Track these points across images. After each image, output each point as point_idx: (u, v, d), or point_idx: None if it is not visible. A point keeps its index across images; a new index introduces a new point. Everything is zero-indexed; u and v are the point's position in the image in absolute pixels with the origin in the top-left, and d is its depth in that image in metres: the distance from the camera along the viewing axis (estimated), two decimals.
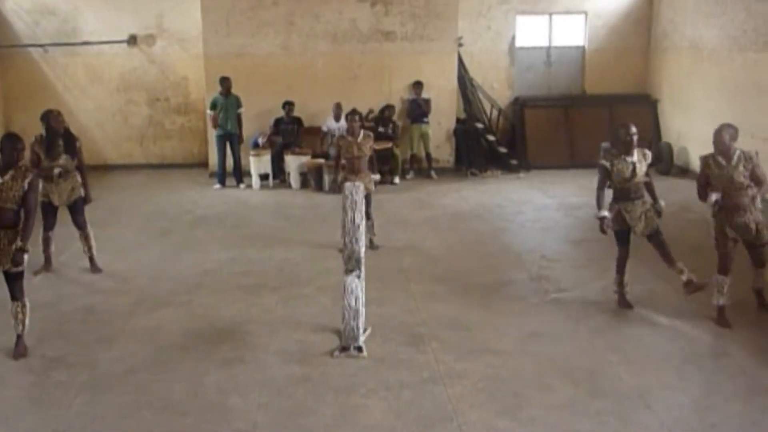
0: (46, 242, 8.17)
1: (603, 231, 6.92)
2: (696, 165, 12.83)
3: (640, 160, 6.89)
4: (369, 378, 5.63)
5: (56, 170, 7.80)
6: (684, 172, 13.18)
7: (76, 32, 13.81)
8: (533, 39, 14.69)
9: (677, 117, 13.76)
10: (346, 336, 6.05)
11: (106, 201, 8.57)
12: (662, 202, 7.13)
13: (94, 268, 8.22)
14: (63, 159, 7.86)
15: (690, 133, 13.22)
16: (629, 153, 6.82)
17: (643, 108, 14.24)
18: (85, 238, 8.18)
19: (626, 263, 7.05)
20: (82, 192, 8.06)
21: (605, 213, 6.87)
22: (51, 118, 7.82)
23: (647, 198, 7.02)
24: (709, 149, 6.78)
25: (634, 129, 6.78)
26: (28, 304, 6.07)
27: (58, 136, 7.81)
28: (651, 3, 14.44)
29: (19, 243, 5.82)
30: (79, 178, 8.03)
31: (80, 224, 8.12)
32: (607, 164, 6.83)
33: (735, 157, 6.50)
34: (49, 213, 8.00)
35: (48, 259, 8.22)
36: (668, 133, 13.98)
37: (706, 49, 12.68)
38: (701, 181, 6.84)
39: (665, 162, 13.40)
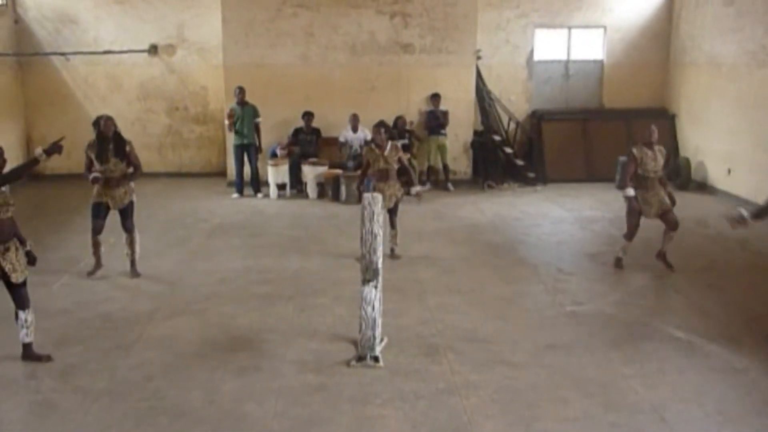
0: (96, 245, 8.29)
1: (633, 208, 8.38)
2: (714, 179, 12.86)
3: (658, 157, 8.37)
4: (385, 388, 5.65)
5: (91, 176, 7.94)
6: (702, 187, 13.12)
7: (97, 41, 13.98)
8: (551, 52, 14.72)
9: (695, 132, 13.72)
10: (362, 346, 6.07)
11: None
12: (669, 189, 8.61)
13: (134, 272, 8.35)
14: (113, 163, 8.00)
15: (708, 148, 13.17)
16: (651, 149, 8.34)
17: (661, 122, 14.16)
18: (131, 242, 8.32)
19: (635, 233, 8.50)
20: (133, 196, 8.24)
21: (632, 192, 8.36)
22: (101, 124, 8.00)
23: (659, 189, 8.42)
24: (727, 164, 7.05)
25: (656, 130, 8.42)
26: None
27: (107, 140, 7.99)
28: (670, 18, 14.43)
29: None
30: (132, 184, 8.20)
31: (128, 227, 8.28)
32: (636, 152, 8.34)
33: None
34: (99, 214, 8.15)
35: (98, 260, 8.33)
36: (686, 148, 13.93)
37: (725, 64, 12.65)
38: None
39: (683, 177, 13.35)
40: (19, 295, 6.00)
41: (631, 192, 8.33)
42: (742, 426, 5.15)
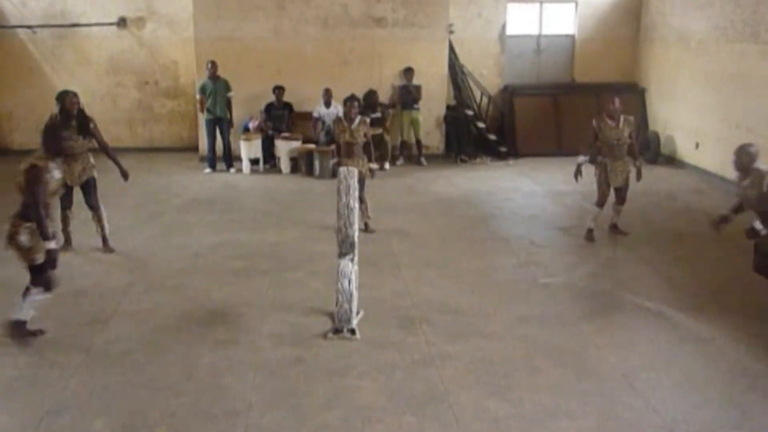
0: (65, 221, 8.23)
1: (575, 176, 8.79)
2: (682, 153, 13.07)
3: (623, 127, 8.61)
4: (361, 360, 5.73)
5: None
6: (671, 160, 13.33)
7: (64, 14, 13.73)
8: (523, 27, 14.76)
9: (664, 106, 13.89)
10: (339, 318, 6.14)
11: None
12: (638, 163, 8.84)
13: (107, 248, 8.32)
14: (74, 140, 7.91)
15: (677, 122, 13.36)
16: (613, 119, 8.62)
17: (631, 97, 14.33)
18: (98, 218, 8.29)
19: (605, 201, 8.76)
20: (94, 173, 8.17)
21: (582, 158, 8.80)
22: (66, 100, 7.91)
23: (628, 159, 8.71)
24: (696, 138, 7.15)
25: (617, 101, 8.66)
26: None
27: (71, 117, 7.91)
28: None
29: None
30: (91, 159, 8.14)
31: (93, 204, 8.23)
32: (595, 122, 8.69)
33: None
34: (64, 193, 8.03)
35: (68, 239, 8.27)
36: (655, 122, 14.12)
37: (694, 39, 12.80)
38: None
39: (652, 151, 13.53)
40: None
41: (581, 159, 8.80)
42: (708, 392, 5.31)
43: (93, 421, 4.86)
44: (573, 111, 14.19)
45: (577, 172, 8.78)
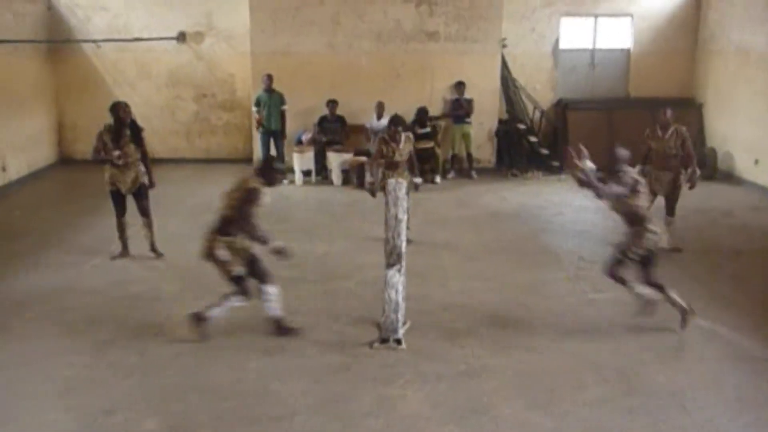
0: (121, 228, 8.52)
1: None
2: (741, 170, 12.79)
3: (671, 137, 8.73)
4: (406, 369, 5.78)
5: (115, 153, 8.13)
6: (728, 177, 13.05)
7: (127, 28, 14.19)
8: (577, 41, 14.68)
9: (722, 121, 13.63)
10: (385, 328, 6.20)
11: (152, 193, 8.91)
12: (698, 172, 8.98)
13: (156, 253, 8.56)
14: (130, 148, 8.20)
15: (735, 137, 13.09)
16: (664, 129, 8.76)
17: (688, 112, 14.13)
18: (148, 225, 8.53)
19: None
20: (145, 180, 8.42)
21: (638, 168, 8.34)
22: (119, 110, 8.19)
23: (675, 170, 8.75)
24: (755, 154, 7.03)
25: (669, 111, 8.81)
26: None
27: (124, 126, 8.19)
28: (698, 6, 14.33)
29: None
30: (142, 167, 8.38)
31: (144, 211, 8.49)
32: (648, 132, 8.91)
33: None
34: (119, 200, 8.41)
35: (125, 245, 8.55)
36: (713, 138, 13.86)
37: (754, 52, 12.55)
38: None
39: (709, 167, 13.28)
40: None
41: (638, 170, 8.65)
42: (761, 413, 5.21)
43: (144, 421, 5.03)
44: (627, 126, 13.95)
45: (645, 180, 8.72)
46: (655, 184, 8.76)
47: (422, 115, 13.02)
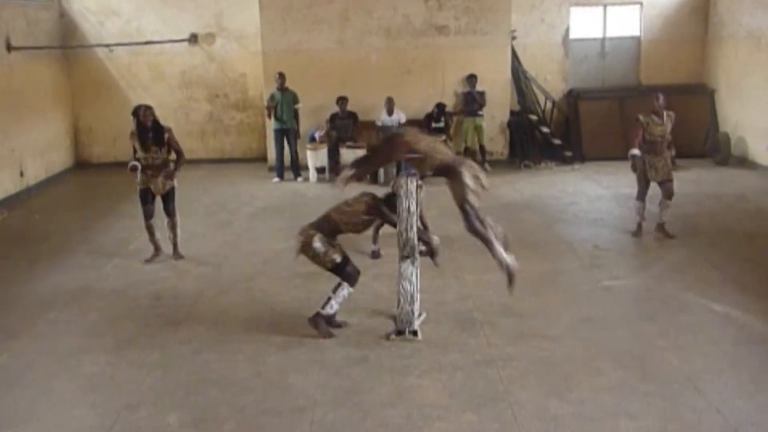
0: (150, 230, 8.58)
1: (634, 167, 8.92)
2: (754, 154, 12.75)
3: (666, 122, 8.86)
4: (423, 360, 5.85)
5: (130, 164, 8.24)
6: (742, 162, 13.02)
7: (139, 32, 14.34)
8: (587, 30, 14.67)
9: (735, 107, 13.59)
10: (401, 320, 6.27)
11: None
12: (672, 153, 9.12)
13: (177, 254, 8.63)
14: (153, 151, 8.31)
15: (748, 122, 13.06)
16: (659, 115, 8.86)
17: (700, 98, 14.11)
18: (172, 226, 8.61)
19: (646, 194, 9.00)
20: (175, 182, 8.50)
21: (636, 151, 8.87)
22: (139, 114, 8.29)
23: (667, 154, 8.90)
24: None
25: (662, 97, 8.93)
26: None
27: (147, 129, 8.28)
28: None
29: None
30: (171, 168, 8.47)
31: (170, 212, 8.56)
32: (642, 118, 8.92)
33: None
34: (148, 201, 8.48)
35: (156, 247, 8.63)
36: (725, 123, 13.81)
37: (764, 37, 12.49)
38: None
39: (723, 152, 13.25)
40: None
41: (635, 151, 8.90)
42: None
43: (167, 415, 5.13)
44: (641, 113, 13.97)
45: (634, 164, 8.96)
46: (650, 171, 8.89)
47: (441, 109, 13.13)
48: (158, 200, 8.51)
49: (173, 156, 8.50)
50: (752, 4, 12.86)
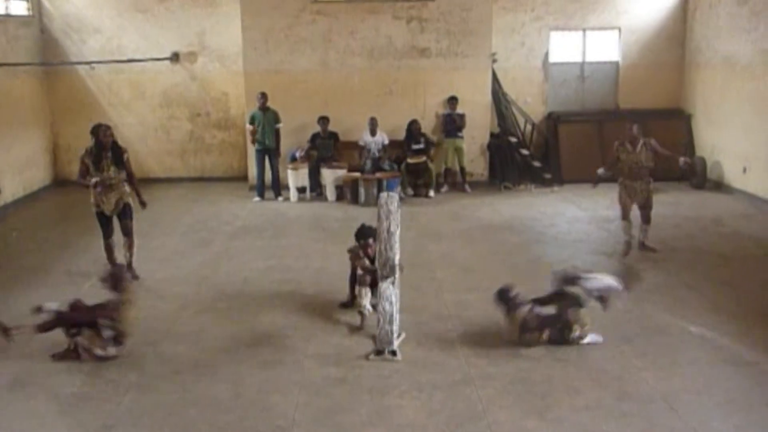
0: (109, 249, 8.56)
1: (595, 183, 9.66)
2: (730, 178, 12.95)
3: (640, 151, 9.11)
4: (402, 380, 5.86)
5: (92, 180, 8.20)
6: (718, 186, 13.21)
7: (120, 50, 14.30)
8: (567, 54, 14.85)
9: (711, 131, 13.79)
10: (380, 340, 6.29)
11: (149, 212, 9.00)
12: (682, 159, 9.99)
13: (132, 274, 8.51)
14: (111, 171, 8.25)
15: (724, 147, 13.25)
16: (633, 143, 9.14)
17: (677, 123, 14.32)
18: (129, 245, 8.56)
19: (629, 213, 9.34)
20: (130, 200, 8.47)
21: (601, 170, 9.56)
22: (100, 133, 8.25)
23: (647, 180, 9.21)
24: (743, 163, 7.22)
25: (635, 127, 9.21)
26: None
27: (105, 149, 8.24)
28: (684, 18, 14.53)
29: None
30: (126, 188, 8.44)
31: (127, 231, 8.52)
32: (616, 144, 9.34)
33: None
34: (104, 222, 8.46)
35: (114, 266, 8.55)
36: (702, 148, 14.01)
37: (740, 63, 12.74)
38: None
39: (699, 176, 13.43)
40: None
41: (600, 170, 9.59)
42: (751, 415, 5.30)
43: None
44: (618, 137, 14.09)
45: (597, 181, 9.63)
46: (629, 193, 9.29)
47: (414, 126, 13.16)
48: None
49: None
50: (727, 30, 13.12)
